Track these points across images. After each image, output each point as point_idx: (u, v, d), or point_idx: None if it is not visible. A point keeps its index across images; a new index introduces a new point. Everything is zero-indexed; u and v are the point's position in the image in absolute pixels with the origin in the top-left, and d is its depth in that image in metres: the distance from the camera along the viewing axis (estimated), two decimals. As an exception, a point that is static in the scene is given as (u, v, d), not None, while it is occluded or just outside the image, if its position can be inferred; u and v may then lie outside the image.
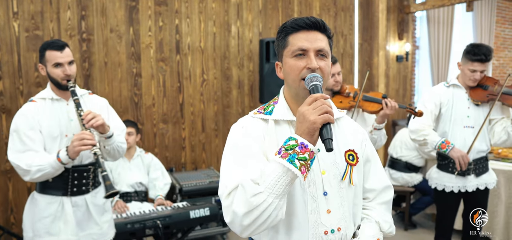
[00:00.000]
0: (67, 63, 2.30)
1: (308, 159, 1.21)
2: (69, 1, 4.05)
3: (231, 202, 1.24)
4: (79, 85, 4.13)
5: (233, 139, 1.38)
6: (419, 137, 2.93)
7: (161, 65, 4.55)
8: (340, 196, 1.38)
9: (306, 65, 1.33)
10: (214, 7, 4.80)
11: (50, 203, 2.34)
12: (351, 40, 5.78)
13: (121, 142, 2.43)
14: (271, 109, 1.43)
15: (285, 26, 1.39)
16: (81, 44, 4.14)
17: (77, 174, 2.37)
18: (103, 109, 2.50)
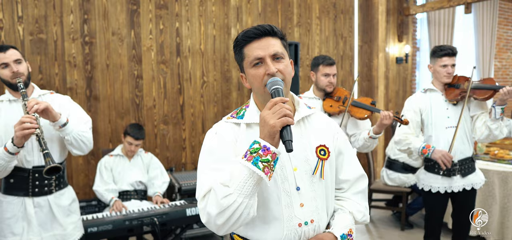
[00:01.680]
0: (12, 62, 2.33)
1: (271, 161, 1.28)
2: (72, 5, 4.17)
3: (205, 204, 1.33)
4: (81, 87, 4.24)
5: (207, 144, 1.46)
6: (403, 147, 3.01)
7: (162, 67, 4.65)
8: (313, 190, 1.45)
9: (265, 72, 1.39)
10: (214, 10, 4.89)
11: (12, 203, 2.38)
12: (351, 42, 5.84)
13: (82, 131, 2.42)
14: (242, 113, 1.51)
15: (237, 40, 1.45)
16: (83, 47, 4.25)
17: (38, 175, 2.39)
18: (64, 105, 2.51)
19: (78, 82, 4.24)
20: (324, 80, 2.99)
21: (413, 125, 2.99)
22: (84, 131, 2.42)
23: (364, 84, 5.98)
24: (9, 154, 2.20)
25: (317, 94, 3.08)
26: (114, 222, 2.92)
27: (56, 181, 2.47)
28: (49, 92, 2.56)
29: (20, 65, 2.35)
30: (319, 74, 3.01)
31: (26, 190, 2.39)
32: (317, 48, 5.56)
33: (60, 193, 2.50)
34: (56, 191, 2.47)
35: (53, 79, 4.11)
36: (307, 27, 5.47)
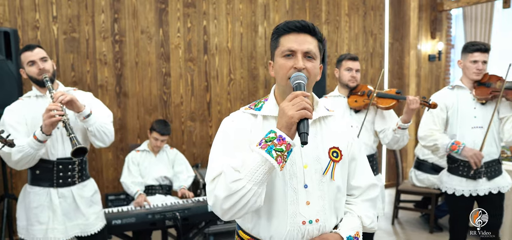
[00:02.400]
0: (39, 59, 2.47)
1: (284, 151, 1.29)
2: (103, 4, 4.31)
3: (214, 187, 1.35)
4: (111, 84, 4.38)
5: (223, 131, 1.49)
6: (429, 143, 2.91)
7: (189, 65, 4.73)
8: (321, 190, 1.45)
9: (293, 65, 1.41)
10: (241, 8, 4.91)
11: (38, 194, 2.50)
12: (381, 39, 5.71)
13: (104, 123, 2.53)
14: (261, 106, 1.52)
15: (278, 28, 1.47)
16: (114, 45, 4.38)
17: (62, 166, 2.51)
18: (86, 99, 2.62)
19: (109, 79, 4.38)
20: (346, 74, 2.96)
21: (438, 121, 2.90)
22: (106, 123, 2.55)
23: (394, 82, 5.83)
24: (37, 142, 2.32)
25: (342, 92, 3.05)
26: (137, 215, 3.00)
27: (79, 173, 2.59)
28: (72, 88, 2.70)
29: (45, 62, 2.48)
30: (342, 69, 2.99)
31: (51, 181, 2.51)
32: (345, 46, 5.48)
33: (82, 185, 2.62)
34: (79, 183, 2.59)
35: (84, 76, 4.27)
36: (335, 24, 5.40)
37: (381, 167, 5.90)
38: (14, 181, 4.08)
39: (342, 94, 3.04)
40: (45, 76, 2.43)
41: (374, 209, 1.60)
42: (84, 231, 2.59)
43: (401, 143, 2.88)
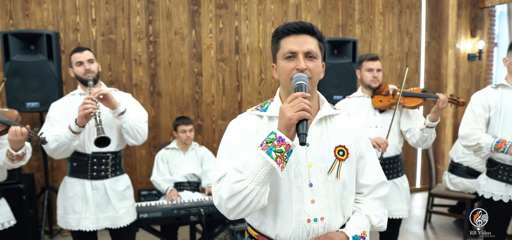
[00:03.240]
0: (86, 61, 2.68)
1: (284, 152, 1.32)
2: (138, 7, 4.48)
3: (218, 187, 1.40)
4: (145, 84, 4.55)
5: (229, 133, 1.54)
6: (471, 142, 2.77)
7: (221, 64, 4.82)
8: (326, 188, 1.47)
9: (295, 66, 1.44)
10: (273, 8, 4.95)
11: (74, 185, 2.70)
12: (417, 38, 5.56)
13: (138, 121, 2.67)
14: (266, 107, 1.56)
15: (277, 31, 1.50)
16: (148, 46, 4.55)
17: (96, 160, 2.68)
18: (125, 100, 2.77)
19: (143, 79, 4.56)
20: (368, 75, 2.92)
21: (481, 121, 2.75)
22: (139, 122, 2.68)
23: (431, 82, 5.66)
24: (72, 133, 2.49)
25: (365, 92, 3.02)
26: (163, 210, 3.12)
27: (112, 168, 2.74)
28: (113, 89, 2.86)
29: (92, 64, 2.69)
30: (363, 70, 2.96)
31: (86, 173, 2.69)
32: (379, 45, 5.38)
33: (116, 179, 2.76)
34: (112, 177, 2.74)
35: (120, 76, 4.46)
36: (369, 24, 5.32)
37: (416, 169, 5.75)
38: (55, 174, 4.34)
39: (365, 94, 3.00)
40: (89, 76, 2.63)
41: (384, 207, 1.60)
42: (113, 223, 2.73)
43: (429, 142, 2.82)
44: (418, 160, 5.69)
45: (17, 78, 3.69)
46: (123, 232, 2.80)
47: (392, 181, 2.90)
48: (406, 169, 5.66)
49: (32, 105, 3.71)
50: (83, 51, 2.71)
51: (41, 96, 3.74)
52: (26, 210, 3.56)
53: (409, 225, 4.56)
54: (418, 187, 5.72)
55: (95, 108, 2.45)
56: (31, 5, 4.16)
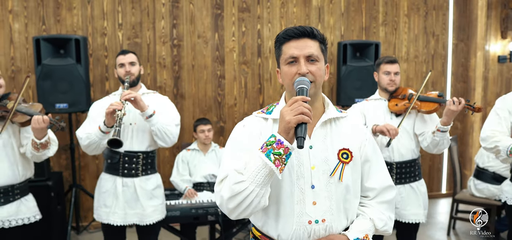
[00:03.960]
0: (128, 63, 2.83)
1: (282, 154, 1.35)
2: (163, 11, 4.61)
3: (220, 188, 1.45)
4: (169, 86, 4.67)
5: (234, 135, 1.58)
6: (490, 145, 2.70)
7: (243, 67, 4.88)
8: (328, 191, 1.48)
9: (297, 71, 1.46)
10: (295, 11, 4.97)
11: (107, 181, 2.84)
12: (444, 40, 5.43)
13: (167, 124, 2.76)
14: (272, 110, 1.60)
15: (278, 36, 1.53)
16: (172, 50, 4.67)
17: (128, 158, 2.81)
18: (160, 103, 2.90)
19: (167, 81, 4.68)
20: (385, 78, 2.90)
21: (505, 124, 2.68)
22: (168, 125, 2.78)
23: (458, 85, 5.52)
24: (101, 132, 2.64)
25: (382, 95, 3.00)
26: (182, 209, 3.21)
27: (143, 167, 2.86)
28: (153, 92, 3.01)
29: (133, 67, 2.84)
30: (380, 72, 2.94)
31: (118, 171, 2.83)
32: (404, 48, 5.30)
33: (146, 178, 2.88)
34: (142, 175, 2.86)
35: (145, 78, 4.60)
36: (393, 26, 5.25)
37: (442, 174, 5.61)
38: (82, 173, 4.53)
39: (382, 97, 2.98)
40: (127, 78, 2.78)
41: (390, 211, 1.60)
42: (141, 220, 2.84)
43: (441, 147, 2.76)
44: (444, 165, 5.55)
45: (47, 81, 3.88)
46: (149, 229, 2.92)
47: (409, 185, 2.87)
48: (431, 174, 5.54)
49: (61, 106, 3.90)
50: (126, 54, 2.87)
51: (70, 97, 3.92)
52: (54, 206, 3.74)
53: (432, 231, 4.47)
54: (444, 193, 5.58)
55: (118, 108, 2.56)
56: (62, 11, 4.36)
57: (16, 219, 2.59)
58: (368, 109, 2.97)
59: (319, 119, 1.52)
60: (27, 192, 2.72)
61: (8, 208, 2.57)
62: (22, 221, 2.62)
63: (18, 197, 2.62)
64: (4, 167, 2.54)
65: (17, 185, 2.61)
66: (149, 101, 2.81)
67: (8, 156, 2.56)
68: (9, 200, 2.57)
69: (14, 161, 2.59)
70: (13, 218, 2.58)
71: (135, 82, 2.85)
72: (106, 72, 4.51)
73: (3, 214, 2.54)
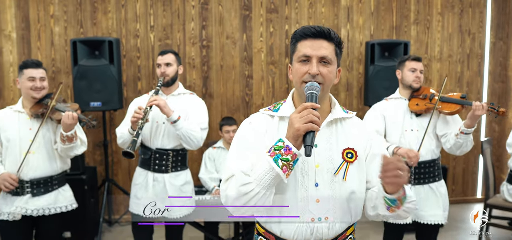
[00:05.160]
0: (164, 64, 2.97)
1: (290, 161, 1.38)
2: (193, 13, 4.75)
3: (226, 187, 1.48)
4: (198, 86, 4.81)
5: (240, 133, 1.61)
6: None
7: (271, 67, 4.94)
8: (332, 189, 1.50)
9: (308, 71, 1.47)
10: (324, 11, 4.96)
11: (140, 174, 3.02)
12: (481, 38, 5.23)
13: (193, 130, 2.87)
14: (278, 107, 1.62)
15: (295, 33, 1.54)
16: (201, 50, 4.81)
17: (158, 155, 2.96)
18: (192, 105, 3.02)
19: (196, 81, 4.82)
20: (410, 75, 2.88)
21: None
22: (193, 131, 2.88)
23: (496, 85, 5.29)
24: (130, 134, 2.83)
25: (403, 94, 2.97)
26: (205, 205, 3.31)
27: (173, 164, 3.00)
28: (189, 92, 3.15)
29: (168, 67, 2.98)
30: (405, 69, 2.91)
31: (149, 166, 2.99)
32: (437, 47, 5.15)
33: (175, 174, 3.02)
34: (172, 172, 3.00)
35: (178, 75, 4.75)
36: (426, 24, 5.11)
37: (477, 178, 5.40)
38: (115, 168, 4.75)
39: (403, 96, 2.95)
40: (160, 79, 2.94)
41: None
42: (169, 214, 2.97)
43: (464, 149, 2.72)
44: (479, 168, 5.34)
45: (83, 81, 4.12)
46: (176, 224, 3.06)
47: (428, 186, 2.82)
48: (466, 178, 5.36)
49: (95, 104, 4.12)
50: (164, 54, 3.02)
51: (103, 96, 4.13)
52: (87, 199, 3.96)
53: (462, 236, 4.33)
54: (479, 198, 5.37)
55: (141, 117, 2.70)
56: (98, 14, 4.60)
57: (55, 207, 2.82)
58: (388, 109, 2.95)
59: (325, 119, 1.53)
60: (64, 182, 2.94)
61: (48, 197, 2.79)
62: (60, 209, 2.85)
63: (56, 187, 2.85)
64: (44, 160, 2.77)
65: (55, 176, 2.83)
66: (180, 102, 2.96)
67: (48, 150, 2.78)
68: (48, 190, 2.79)
69: (52, 155, 2.81)
70: (52, 206, 2.80)
71: (169, 82, 2.98)
72: (139, 72, 4.71)
73: (43, 203, 2.76)
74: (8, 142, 2.70)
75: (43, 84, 2.77)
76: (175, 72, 3.01)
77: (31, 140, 2.67)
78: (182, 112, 2.90)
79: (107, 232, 4.42)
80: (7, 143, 2.71)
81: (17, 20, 4.51)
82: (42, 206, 2.75)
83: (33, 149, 2.69)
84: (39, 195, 2.74)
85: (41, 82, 2.76)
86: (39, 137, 2.71)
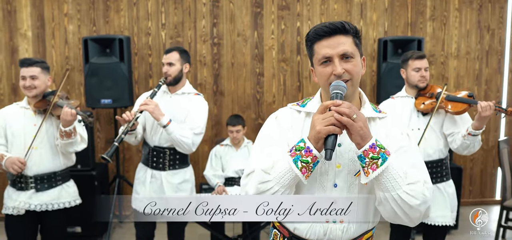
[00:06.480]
0: (167, 63, 2.97)
1: (310, 163, 1.34)
2: (204, 11, 4.76)
3: (246, 182, 1.46)
4: (209, 83, 4.81)
5: (266, 127, 1.57)
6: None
7: (282, 65, 4.89)
8: (350, 192, 1.45)
9: (332, 72, 1.40)
10: (336, 8, 4.88)
11: (140, 170, 3.08)
12: (501, 35, 5.04)
13: (183, 136, 2.84)
14: (306, 103, 1.56)
15: (308, 36, 1.47)
16: (212, 48, 4.80)
17: (156, 152, 2.98)
18: (192, 107, 2.99)
19: (207, 79, 4.82)
20: (415, 75, 2.78)
21: None
22: (183, 136, 2.86)
23: (517, 84, 5.10)
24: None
25: (409, 93, 2.89)
26: (208, 203, 3.30)
27: (170, 162, 3.01)
28: (194, 92, 3.11)
29: (171, 67, 2.97)
30: (409, 69, 2.82)
31: (148, 163, 3.02)
32: (454, 44, 5.00)
33: (173, 172, 3.02)
34: (169, 170, 3.00)
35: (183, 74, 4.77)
36: (442, 20, 4.97)
37: (496, 179, 5.22)
38: (127, 165, 4.81)
39: (409, 94, 2.87)
40: (161, 80, 2.94)
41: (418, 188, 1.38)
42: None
43: (471, 150, 2.63)
44: (499, 170, 5.15)
45: (94, 78, 4.17)
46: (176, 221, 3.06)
47: (435, 186, 2.74)
48: (484, 179, 5.19)
49: (106, 101, 4.17)
50: (168, 53, 3.00)
51: (114, 94, 4.18)
52: (98, 195, 4.01)
53: (478, 239, 4.18)
54: (498, 199, 5.19)
55: (128, 121, 2.72)
56: (111, 13, 4.66)
57: (58, 203, 2.86)
58: (395, 108, 2.87)
59: None
60: (68, 178, 2.98)
61: (51, 193, 2.83)
62: (64, 205, 2.88)
63: (60, 183, 2.89)
64: (47, 155, 2.81)
65: (59, 172, 2.87)
66: (183, 101, 2.97)
67: (51, 146, 2.82)
68: (52, 186, 2.84)
69: (55, 151, 2.84)
70: (56, 202, 2.85)
71: (172, 82, 2.97)
72: (150, 70, 4.75)
73: (46, 198, 2.81)
74: (14, 137, 2.76)
75: (33, 83, 2.73)
76: (178, 71, 2.97)
77: (34, 136, 2.72)
78: (183, 111, 2.91)
79: (118, 228, 4.47)
80: (12, 138, 2.76)
81: (32, 19, 4.61)
82: (46, 202, 2.80)
83: (36, 145, 2.74)
84: (43, 191, 2.79)
85: (31, 81, 2.73)
86: (42, 132, 2.76)
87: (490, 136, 5.15)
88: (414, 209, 1.35)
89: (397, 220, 1.41)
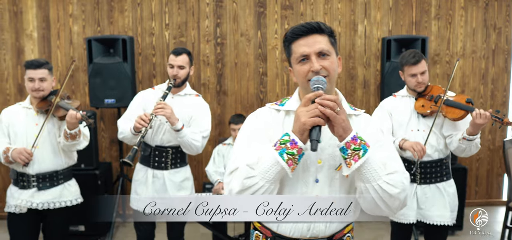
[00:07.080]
0: (177, 66, 2.95)
1: (296, 155, 1.36)
2: (207, 11, 4.77)
3: (230, 180, 1.45)
4: (212, 83, 4.82)
5: (246, 126, 1.59)
6: None
7: (286, 64, 4.88)
8: (332, 186, 1.48)
9: (310, 69, 1.45)
10: (340, 7, 4.86)
11: (141, 170, 3.05)
12: (508, 33, 4.98)
13: (194, 140, 2.87)
14: (284, 102, 1.60)
15: (286, 36, 1.52)
16: (216, 48, 4.81)
17: (158, 152, 2.98)
18: (196, 109, 3.00)
19: (210, 79, 4.83)
20: (411, 81, 2.75)
21: None
22: (194, 140, 2.89)
23: (524, 83, 5.03)
24: (131, 134, 2.85)
25: (410, 93, 2.86)
26: (209, 202, 3.31)
27: (172, 161, 3.02)
28: (195, 94, 3.14)
29: (181, 70, 2.96)
30: (405, 74, 2.78)
31: (149, 162, 3.02)
32: (460, 43, 4.95)
33: (175, 171, 3.04)
34: (171, 168, 3.02)
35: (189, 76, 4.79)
36: (447, 19, 4.92)
37: (503, 180, 5.15)
38: (130, 164, 4.83)
39: (410, 94, 2.84)
40: (171, 81, 2.92)
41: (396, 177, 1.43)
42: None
43: (468, 153, 2.62)
44: (506, 169, 5.09)
45: (98, 78, 4.21)
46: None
47: (434, 185, 2.71)
48: (490, 180, 5.12)
49: (109, 101, 4.21)
50: (178, 55, 2.96)
51: (117, 93, 4.21)
52: (101, 194, 4.04)
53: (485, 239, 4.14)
54: (505, 200, 5.12)
55: (144, 126, 2.70)
56: (115, 13, 4.69)
57: (60, 201, 2.89)
58: (396, 107, 2.85)
59: None
60: (70, 177, 3.00)
61: (53, 191, 2.86)
62: (65, 203, 2.91)
63: (62, 182, 2.91)
64: (49, 155, 2.84)
65: (61, 171, 2.90)
66: (185, 103, 2.97)
67: (53, 145, 2.85)
68: (53, 184, 2.86)
69: (57, 150, 2.87)
70: (57, 200, 2.87)
71: (179, 84, 2.99)
72: (154, 69, 4.78)
73: (48, 197, 2.84)
74: (16, 137, 2.79)
75: (42, 85, 2.77)
76: (186, 74, 3.00)
77: (36, 135, 2.74)
78: (186, 112, 2.92)
79: (121, 227, 4.51)
80: (15, 137, 2.80)
81: (38, 19, 4.66)
82: (47, 200, 2.82)
83: (38, 144, 2.76)
84: (45, 189, 2.82)
85: (40, 83, 2.77)
86: (44, 132, 2.79)
87: (497, 136, 5.08)
88: (394, 197, 1.41)
89: (376, 211, 1.45)
